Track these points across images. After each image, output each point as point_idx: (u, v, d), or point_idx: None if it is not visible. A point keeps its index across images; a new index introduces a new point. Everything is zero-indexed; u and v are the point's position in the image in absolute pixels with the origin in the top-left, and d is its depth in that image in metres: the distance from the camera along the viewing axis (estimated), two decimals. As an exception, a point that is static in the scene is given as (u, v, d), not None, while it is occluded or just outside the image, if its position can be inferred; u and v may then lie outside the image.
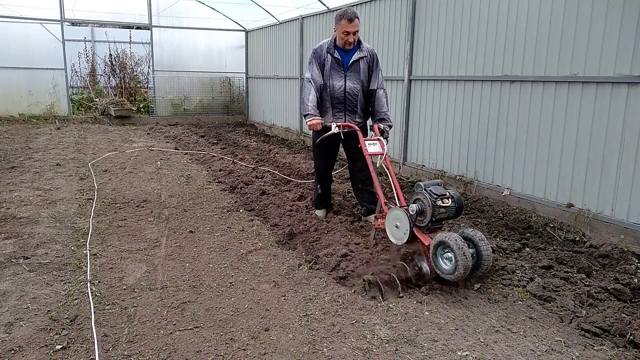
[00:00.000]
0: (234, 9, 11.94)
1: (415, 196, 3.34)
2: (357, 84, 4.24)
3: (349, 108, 4.30)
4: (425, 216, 3.26)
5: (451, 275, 3.01)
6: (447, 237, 3.00)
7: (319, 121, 4.10)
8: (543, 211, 4.67)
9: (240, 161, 7.40)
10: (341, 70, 4.21)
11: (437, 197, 3.20)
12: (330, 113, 4.30)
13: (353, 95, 4.26)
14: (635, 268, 3.53)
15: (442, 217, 3.27)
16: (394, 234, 3.51)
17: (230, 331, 2.68)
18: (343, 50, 4.19)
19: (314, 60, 4.26)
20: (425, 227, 3.29)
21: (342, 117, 4.30)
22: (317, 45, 4.31)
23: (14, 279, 3.23)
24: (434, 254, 3.12)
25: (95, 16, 12.20)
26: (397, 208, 3.49)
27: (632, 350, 2.60)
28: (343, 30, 4.04)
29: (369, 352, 2.51)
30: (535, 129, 4.74)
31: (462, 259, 2.92)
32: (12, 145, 8.17)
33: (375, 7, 7.13)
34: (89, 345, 2.50)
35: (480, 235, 3.17)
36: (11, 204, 4.89)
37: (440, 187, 3.30)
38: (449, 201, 3.25)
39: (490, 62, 5.22)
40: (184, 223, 4.50)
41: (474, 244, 3.15)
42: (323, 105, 4.31)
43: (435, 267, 3.13)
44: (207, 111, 12.96)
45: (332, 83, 4.22)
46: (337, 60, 4.20)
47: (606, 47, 4.06)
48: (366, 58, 4.23)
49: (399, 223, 3.44)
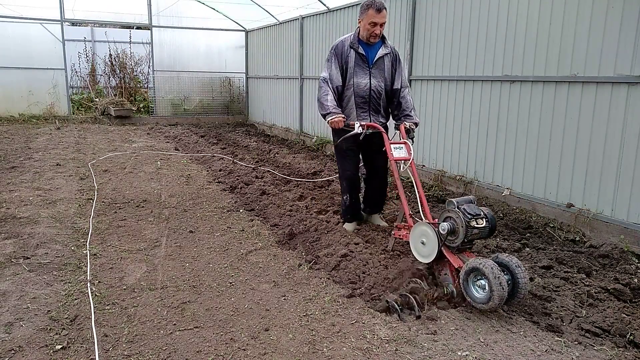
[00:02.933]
0: (234, 9, 11.94)
1: (447, 214, 3.05)
2: (381, 82, 3.95)
3: (373, 107, 4.00)
4: (457, 236, 2.99)
5: (484, 305, 2.77)
6: (483, 265, 2.75)
7: (341, 119, 3.81)
8: (543, 211, 4.67)
9: (240, 161, 7.40)
10: (366, 67, 3.90)
11: (471, 217, 2.95)
12: (354, 113, 3.98)
13: (377, 94, 3.97)
14: (635, 268, 3.53)
15: (475, 238, 3.04)
16: (419, 251, 3.22)
17: (230, 331, 2.68)
18: (367, 44, 3.89)
19: (333, 58, 3.92)
20: (455, 247, 3.04)
21: (367, 118, 3.99)
22: (338, 41, 3.98)
23: (14, 279, 3.23)
24: (464, 280, 2.88)
25: (95, 16, 12.21)
26: (426, 224, 3.17)
27: (632, 350, 2.60)
28: (370, 20, 3.74)
29: (369, 352, 2.51)
30: (535, 129, 4.74)
31: (498, 288, 2.68)
32: (12, 145, 8.17)
33: (375, 7, 7.12)
34: (89, 345, 2.50)
35: (517, 261, 2.90)
36: (11, 204, 4.89)
37: (474, 206, 3.05)
38: (483, 221, 2.99)
39: (490, 62, 5.22)
40: (184, 223, 4.50)
41: (509, 270, 2.87)
42: (346, 105, 4.01)
43: (465, 293, 2.89)
44: (207, 111, 12.96)
45: (357, 80, 3.91)
46: (361, 55, 3.88)
47: (606, 47, 4.06)
48: (390, 55, 3.97)
49: (426, 240, 3.14)
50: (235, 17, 12.53)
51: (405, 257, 3.51)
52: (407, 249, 3.89)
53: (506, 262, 2.90)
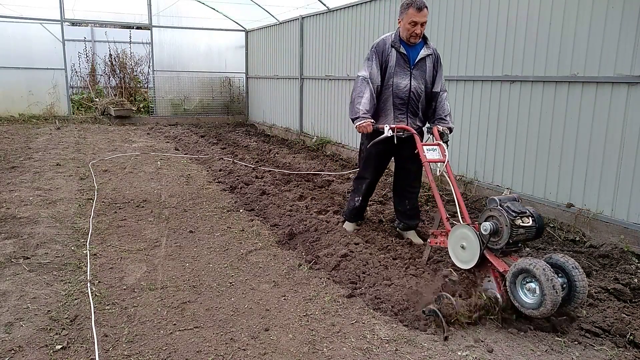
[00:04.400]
0: (234, 9, 11.94)
1: (489, 212, 2.82)
2: (422, 83, 3.79)
3: (411, 110, 3.83)
4: (500, 237, 2.75)
5: (535, 310, 2.53)
6: (533, 265, 2.50)
7: (369, 122, 3.63)
8: (543, 211, 4.66)
9: (240, 161, 7.41)
10: (407, 68, 3.74)
11: (516, 215, 2.71)
12: (392, 115, 3.80)
13: (417, 96, 3.80)
14: (635, 268, 3.53)
15: (520, 239, 2.77)
16: (458, 256, 2.97)
17: (230, 331, 2.68)
18: (408, 44, 3.72)
19: (374, 56, 3.75)
20: (499, 249, 2.79)
21: (405, 120, 3.81)
22: (379, 39, 3.81)
23: (14, 279, 3.23)
24: (512, 283, 2.62)
25: (95, 16, 12.21)
26: (464, 226, 2.94)
27: (632, 350, 2.60)
28: (410, 20, 3.57)
29: (369, 352, 2.51)
30: (535, 129, 4.74)
31: (551, 292, 2.44)
32: (12, 145, 8.17)
33: (375, 7, 7.13)
34: (89, 345, 2.50)
35: (573, 262, 2.67)
36: (11, 204, 4.89)
37: (518, 203, 2.81)
38: (530, 220, 2.75)
39: (490, 62, 5.22)
40: (184, 223, 4.50)
41: (565, 272, 2.65)
42: (384, 107, 3.82)
43: (512, 298, 2.64)
44: (207, 111, 12.96)
45: (397, 81, 3.74)
46: (403, 55, 3.72)
47: (606, 47, 4.06)
48: (432, 56, 3.80)
49: (466, 243, 2.90)
50: (235, 17, 12.53)
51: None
52: (415, 256, 3.89)
53: (561, 263, 2.67)
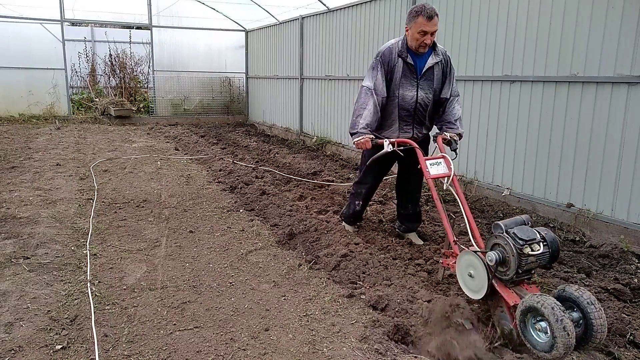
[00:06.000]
0: (234, 9, 11.94)
1: (494, 240, 2.59)
2: (429, 93, 3.58)
3: (417, 120, 3.67)
4: (508, 267, 2.49)
5: (547, 353, 2.24)
6: (540, 303, 2.24)
7: (367, 139, 3.47)
8: (543, 211, 4.67)
9: (240, 161, 7.40)
10: (414, 79, 3.53)
11: (524, 243, 2.46)
12: (396, 126, 3.65)
13: (424, 106, 3.61)
14: (635, 268, 3.53)
15: (532, 267, 2.53)
16: (467, 285, 2.72)
17: (230, 331, 2.68)
18: (415, 53, 3.52)
19: (379, 66, 3.54)
20: (509, 280, 2.53)
21: (410, 131, 3.67)
22: (385, 47, 3.58)
23: (14, 279, 3.23)
24: (521, 322, 2.36)
25: (95, 16, 12.20)
26: (471, 253, 2.68)
27: (632, 350, 2.60)
28: (420, 29, 3.35)
29: (369, 351, 2.51)
30: (535, 129, 4.74)
31: (562, 334, 2.14)
32: (12, 145, 8.17)
33: (375, 7, 7.13)
34: (89, 345, 2.50)
35: (589, 296, 2.35)
36: (11, 204, 4.89)
37: (527, 228, 2.57)
38: (540, 246, 2.50)
39: (490, 62, 5.22)
40: (184, 223, 4.50)
41: (579, 307, 2.34)
42: (389, 118, 3.66)
43: (523, 338, 2.37)
44: (207, 111, 12.96)
45: (402, 93, 3.55)
46: (409, 66, 3.51)
47: (606, 47, 4.06)
48: (441, 63, 3.57)
49: (474, 272, 2.65)
50: (235, 17, 12.53)
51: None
52: (415, 256, 3.89)
53: (575, 297, 2.36)
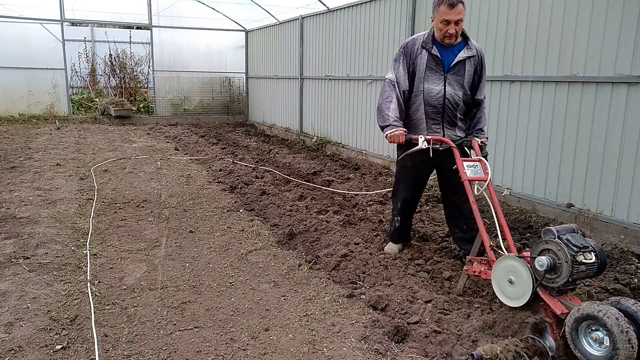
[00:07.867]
0: (234, 9, 11.95)
1: (545, 245, 2.44)
2: (459, 90, 3.34)
3: (447, 119, 3.40)
4: (559, 274, 2.37)
5: None
6: (603, 313, 2.07)
7: (401, 132, 3.26)
8: (543, 211, 4.67)
9: (240, 161, 7.41)
10: (440, 72, 3.32)
11: (578, 250, 2.35)
12: (424, 125, 3.40)
13: (454, 104, 3.36)
14: (635, 268, 3.53)
15: (581, 277, 2.41)
16: (505, 292, 2.57)
17: (230, 331, 2.68)
18: (442, 45, 3.31)
19: (401, 58, 3.38)
20: (555, 288, 2.40)
21: (440, 131, 3.40)
22: (409, 39, 3.43)
23: (14, 279, 3.23)
24: (573, 330, 2.21)
25: (95, 16, 12.21)
26: (515, 258, 2.55)
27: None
28: (442, 18, 3.15)
29: (369, 352, 2.51)
30: (535, 129, 4.74)
31: (626, 347, 2.00)
32: (12, 145, 8.17)
33: (375, 7, 7.13)
34: (89, 345, 2.50)
35: None
36: (11, 204, 4.89)
37: (579, 236, 2.44)
38: (592, 256, 2.38)
39: (490, 62, 5.20)
40: (184, 223, 4.50)
41: (633, 321, 2.14)
42: (414, 115, 3.43)
43: (573, 347, 2.21)
44: (207, 111, 12.96)
45: (428, 87, 3.33)
46: (434, 57, 3.30)
47: (606, 47, 4.06)
48: (474, 59, 3.34)
49: (515, 278, 2.52)
50: (235, 17, 12.54)
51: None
52: (415, 256, 3.88)
53: (632, 311, 2.17)
